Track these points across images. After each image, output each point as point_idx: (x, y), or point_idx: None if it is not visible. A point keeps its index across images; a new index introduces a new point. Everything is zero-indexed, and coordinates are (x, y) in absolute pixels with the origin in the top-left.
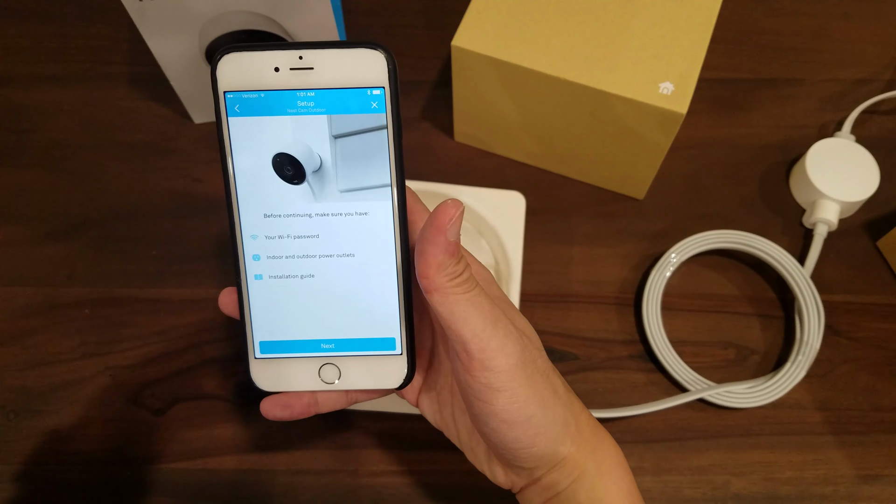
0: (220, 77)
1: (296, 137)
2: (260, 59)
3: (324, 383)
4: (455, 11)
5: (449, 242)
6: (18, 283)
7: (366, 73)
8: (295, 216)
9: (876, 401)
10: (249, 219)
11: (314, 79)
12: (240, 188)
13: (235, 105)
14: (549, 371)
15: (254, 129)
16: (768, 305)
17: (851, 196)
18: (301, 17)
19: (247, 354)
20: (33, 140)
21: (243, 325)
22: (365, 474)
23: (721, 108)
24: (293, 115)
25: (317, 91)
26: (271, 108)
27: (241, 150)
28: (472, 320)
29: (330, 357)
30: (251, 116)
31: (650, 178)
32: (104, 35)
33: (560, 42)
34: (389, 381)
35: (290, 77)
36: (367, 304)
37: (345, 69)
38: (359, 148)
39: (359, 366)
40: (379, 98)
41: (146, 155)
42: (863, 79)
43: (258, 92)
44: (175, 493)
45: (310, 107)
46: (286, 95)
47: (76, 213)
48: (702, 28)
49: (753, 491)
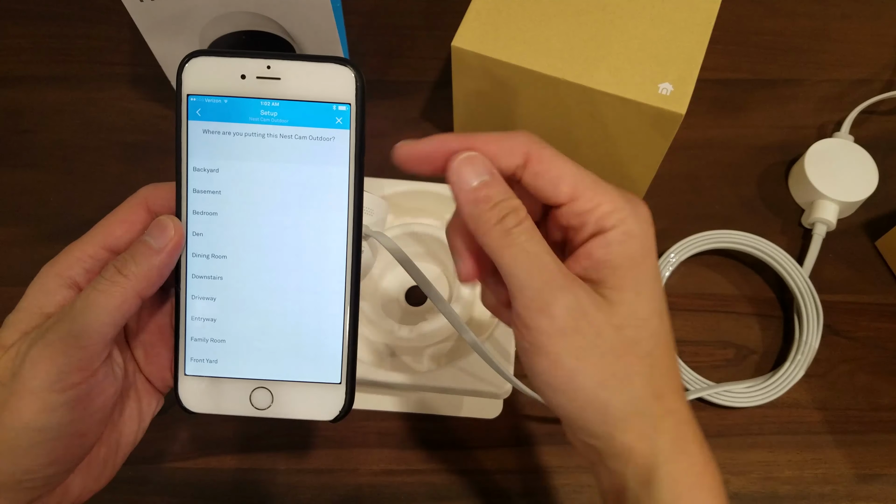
0: (185, 80)
1: (253, 151)
2: (227, 65)
3: (254, 409)
4: (455, 12)
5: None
6: (19, 284)
7: (333, 89)
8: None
9: (874, 400)
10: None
11: (280, 89)
12: (191, 196)
13: (197, 109)
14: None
15: (213, 135)
16: (767, 305)
17: (850, 196)
18: (301, 17)
19: (176, 370)
20: (34, 140)
21: (176, 336)
22: (365, 474)
23: (720, 109)
24: (255, 123)
25: (281, 102)
26: (233, 115)
27: (196, 154)
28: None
29: (263, 381)
30: (211, 121)
31: (649, 179)
32: (105, 36)
33: (560, 43)
34: (324, 411)
35: (256, 85)
36: (308, 326)
37: (312, 83)
38: (318, 167)
39: (293, 393)
40: (344, 114)
41: (147, 155)
42: (861, 79)
43: (222, 98)
44: (175, 493)
45: (273, 117)
46: (250, 103)
47: (77, 214)
48: (701, 29)
49: (752, 490)
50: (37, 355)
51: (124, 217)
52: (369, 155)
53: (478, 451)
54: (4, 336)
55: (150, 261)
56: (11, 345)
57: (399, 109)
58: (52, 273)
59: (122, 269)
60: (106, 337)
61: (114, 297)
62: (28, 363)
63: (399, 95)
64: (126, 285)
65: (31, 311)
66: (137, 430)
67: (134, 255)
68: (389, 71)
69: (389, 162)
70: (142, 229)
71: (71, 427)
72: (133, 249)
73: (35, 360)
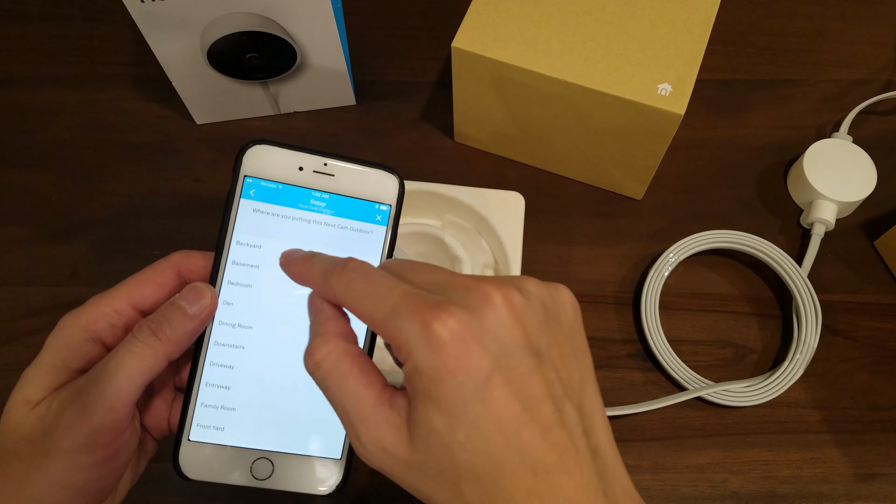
0: (245, 162)
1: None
2: (288, 157)
3: (254, 479)
4: (455, 13)
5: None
6: (21, 283)
7: (379, 191)
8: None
9: (873, 400)
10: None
11: (332, 184)
12: (229, 267)
13: (251, 189)
14: (448, 484)
15: (262, 214)
16: (766, 305)
17: (849, 196)
18: (302, 18)
19: (180, 434)
20: (36, 141)
21: (187, 399)
22: (365, 473)
23: (719, 109)
24: (303, 209)
25: (331, 195)
26: (285, 200)
27: (242, 229)
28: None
29: (267, 452)
30: (263, 202)
31: (649, 179)
32: (106, 36)
33: (559, 43)
34: (321, 485)
35: (312, 178)
36: (317, 401)
37: (361, 183)
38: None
39: (294, 465)
40: (385, 213)
41: (148, 155)
42: (860, 80)
43: (277, 183)
44: (175, 493)
45: (321, 206)
46: (303, 192)
47: (78, 214)
48: (700, 29)
49: (751, 489)
50: (70, 419)
51: (154, 278)
52: (370, 154)
53: None
54: (29, 392)
55: (184, 326)
56: (39, 401)
57: (399, 109)
58: (77, 326)
59: (156, 331)
60: (135, 398)
61: (146, 361)
62: (63, 425)
63: (399, 95)
64: (158, 348)
65: (55, 366)
66: (135, 476)
67: (169, 319)
68: (389, 71)
69: (389, 162)
70: (170, 293)
71: (96, 483)
72: (168, 313)
73: (70, 424)
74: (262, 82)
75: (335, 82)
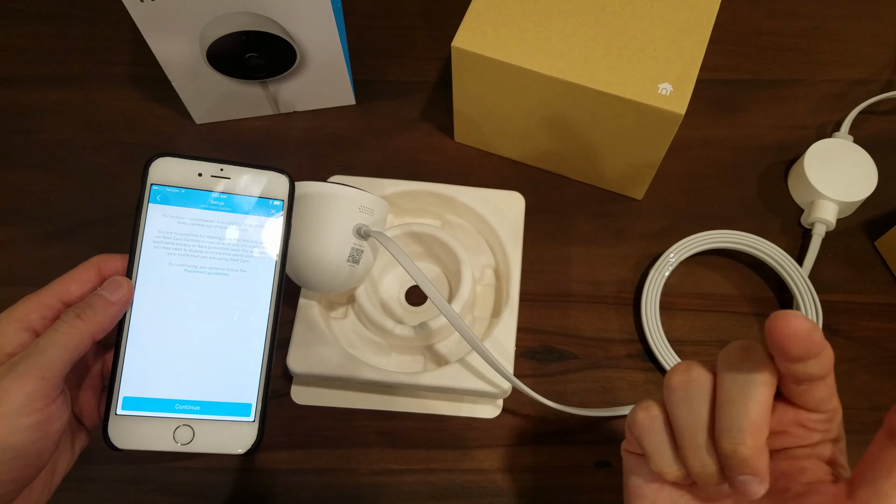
0: (151, 172)
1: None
2: (188, 166)
3: (176, 444)
4: (455, 12)
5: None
6: (20, 284)
7: (272, 189)
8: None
9: (874, 400)
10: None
11: (229, 186)
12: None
13: (158, 195)
14: None
15: (168, 217)
16: (766, 305)
17: (849, 196)
18: (301, 17)
19: (108, 410)
20: (35, 140)
21: (113, 378)
22: (365, 473)
23: (719, 109)
24: (204, 209)
25: (229, 195)
26: (188, 202)
27: (151, 227)
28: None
29: (187, 419)
30: (169, 206)
31: (649, 179)
32: (106, 36)
33: (559, 43)
34: (238, 445)
35: (210, 182)
36: (231, 370)
37: (255, 183)
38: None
39: (212, 429)
40: (278, 207)
41: (147, 155)
42: (861, 79)
43: (180, 188)
44: (175, 493)
45: (220, 205)
46: (203, 194)
47: (78, 214)
48: (700, 29)
49: None
50: (8, 385)
51: (78, 277)
52: (370, 155)
53: (478, 450)
54: None
55: (105, 310)
56: None
57: (399, 109)
58: (11, 318)
59: (80, 314)
60: (64, 370)
61: (73, 337)
62: (1, 391)
63: (399, 95)
64: (83, 328)
65: None
66: (70, 460)
67: (92, 305)
68: (389, 71)
69: (389, 162)
70: (92, 288)
71: (32, 447)
72: (90, 300)
73: (6, 389)
74: (261, 82)
75: (335, 82)
